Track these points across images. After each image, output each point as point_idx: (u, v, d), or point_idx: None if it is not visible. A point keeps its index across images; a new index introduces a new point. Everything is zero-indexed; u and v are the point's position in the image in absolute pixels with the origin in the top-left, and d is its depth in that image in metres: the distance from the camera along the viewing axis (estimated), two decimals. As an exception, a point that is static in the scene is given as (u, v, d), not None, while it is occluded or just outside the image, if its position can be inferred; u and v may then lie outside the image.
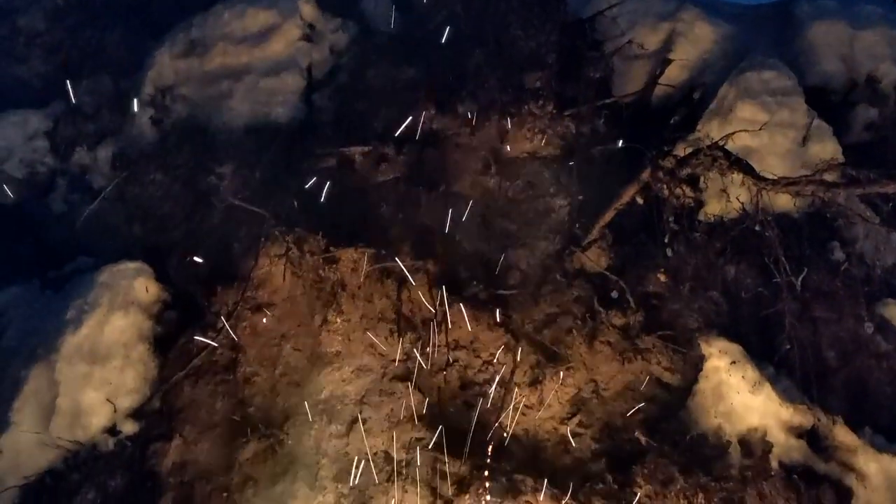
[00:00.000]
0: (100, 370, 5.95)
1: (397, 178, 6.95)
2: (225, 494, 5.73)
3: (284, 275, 6.38)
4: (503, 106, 7.25)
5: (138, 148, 7.28)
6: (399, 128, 6.98)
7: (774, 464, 5.69)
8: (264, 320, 6.27)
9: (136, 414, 5.98)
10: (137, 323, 6.19)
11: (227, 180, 6.85)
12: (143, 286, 6.32)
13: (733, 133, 6.16)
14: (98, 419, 5.86)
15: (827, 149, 6.63)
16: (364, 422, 6.10)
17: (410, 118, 7.00)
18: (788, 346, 5.93)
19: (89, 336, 6.05)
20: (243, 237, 6.51)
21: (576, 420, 6.22)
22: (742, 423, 5.85)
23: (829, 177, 6.04)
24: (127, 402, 5.98)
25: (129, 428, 5.92)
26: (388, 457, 5.98)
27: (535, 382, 6.31)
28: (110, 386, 5.94)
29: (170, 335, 6.31)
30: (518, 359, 6.30)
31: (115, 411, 5.91)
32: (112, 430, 5.91)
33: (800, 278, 6.11)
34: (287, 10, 7.48)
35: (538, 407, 6.25)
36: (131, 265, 6.40)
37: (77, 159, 7.52)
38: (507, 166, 7.17)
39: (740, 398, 5.89)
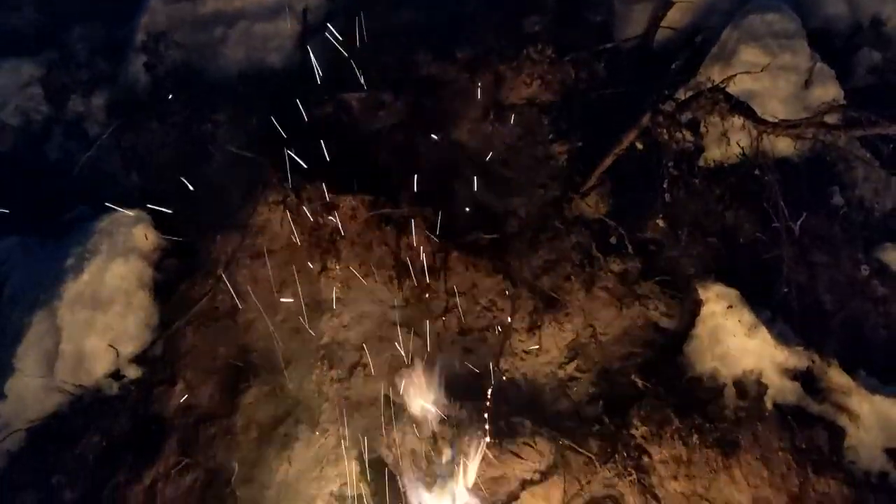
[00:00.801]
0: (102, 316, 6.00)
1: (395, 125, 6.90)
2: (228, 437, 5.84)
3: (283, 222, 6.39)
4: (501, 51, 7.15)
5: (133, 95, 7.21)
6: (396, 73, 6.90)
7: (769, 405, 5.76)
8: (263, 267, 6.30)
9: (139, 359, 6.05)
10: (138, 270, 6.22)
11: (223, 127, 6.80)
12: (143, 234, 6.33)
13: (734, 75, 6.07)
14: (101, 364, 5.93)
15: (829, 92, 6.54)
16: (364, 367, 6.19)
17: (408, 63, 6.92)
18: (785, 290, 5.94)
19: (90, 283, 6.09)
20: (241, 185, 6.49)
21: (574, 364, 6.29)
22: (737, 365, 5.91)
23: (830, 119, 5.98)
24: (129, 347, 6.04)
25: (132, 373, 6.00)
26: (388, 400, 6.08)
27: (533, 328, 6.37)
28: (113, 332, 6.00)
29: (170, 282, 6.34)
30: (516, 305, 6.35)
31: (118, 356, 5.98)
32: (116, 375, 5.98)
33: (798, 223, 6.09)
34: (281, -48, 7.33)
35: (536, 352, 6.32)
36: (130, 213, 6.40)
37: (72, 107, 7.44)
38: (506, 113, 7.11)
39: (736, 341, 5.93)
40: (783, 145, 6.37)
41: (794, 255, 6.09)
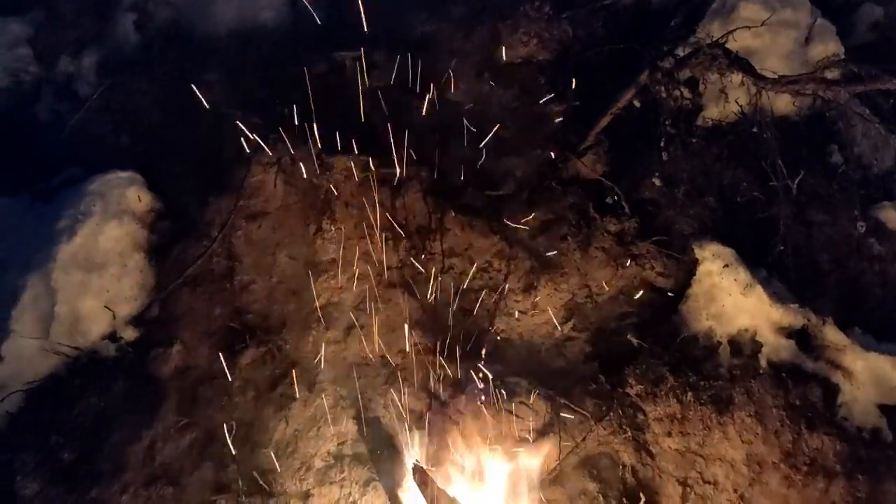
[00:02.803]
0: (97, 278, 5.98)
1: (389, 84, 6.80)
2: (225, 397, 5.86)
3: (276, 183, 6.33)
4: (497, 8, 7.03)
5: (122, 55, 7.08)
6: (390, 32, 6.78)
7: (763, 363, 5.79)
8: (258, 228, 6.26)
9: (135, 321, 6.04)
10: (132, 232, 6.17)
11: (214, 87, 6.68)
12: (136, 195, 6.28)
13: (734, 30, 5.98)
14: (97, 326, 5.92)
15: (830, 49, 6.45)
16: (361, 328, 6.20)
17: (402, 21, 6.80)
18: (781, 249, 5.93)
19: (84, 245, 6.05)
20: (234, 145, 6.41)
21: (569, 324, 6.31)
22: (732, 324, 5.93)
23: (830, 75, 5.91)
24: (126, 309, 6.03)
25: (129, 334, 5.99)
26: (384, 361, 6.10)
27: (529, 288, 6.37)
28: (108, 293, 5.98)
29: (164, 244, 6.30)
30: (512, 266, 6.34)
31: (114, 318, 5.96)
32: (112, 337, 5.98)
33: (796, 181, 6.06)
34: None
35: (532, 312, 6.33)
36: (123, 174, 6.33)
37: (62, 67, 7.31)
38: (502, 72, 7.01)
39: (732, 300, 5.94)
40: (782, 103, 6.31)
41: (791, 214, 6.07)
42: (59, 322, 5.83)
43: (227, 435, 5.63)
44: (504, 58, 7.08)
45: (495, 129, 6.77)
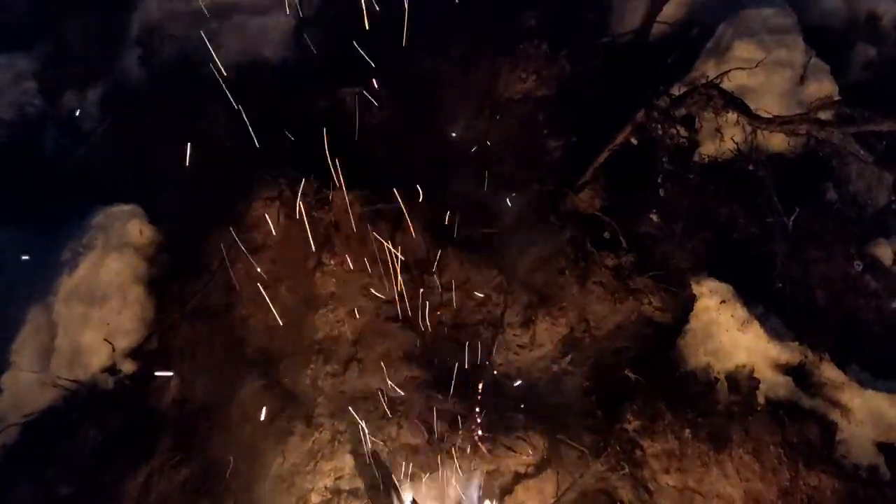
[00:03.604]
0: (97, 311, 6.01)
1: (390, 120, 6.89)
2: (223, 431, 5.85)
3: (278, 217, 6.38)
4: (497, 46, 7.14)
5: (127, 89, 7.19)
6: (391, 68, 6.87)
7: (761, 399, 5.80)
8: (258, 262, 6.30)
9: (134, 353, 6.05)
10: (133, 265, 6.22)
11: (217, 121, 6.77)
12: (137, 228, 6.33)
13: (729, 71, 6.08)
14: (97, 358, 5.93)
15: (824, 88, 6.56)
16: (359, 361, 6.21)
17: (402, 58, 6.90)
18: (779, 286, 5.97)
19: (85, 277, 6.09)
20: (236, 179, 6.47)
21: (567, 359, 6.32)
22: (730, 360, 5.94)
23: (823, 115, 5.99)
24: (125, 342, 6.05)
25: (128, 367, 6.00)
26: (382, 395, 6.10)
27: (527, 322, 6.39)
28: (108, 326, 6.00)
29: (165, 277, 6.34)
30: (510, 299, 6.37)
31: (113, 351, 5.98)
32: (111, 370, 5.99)
33: (792, 218, 6.11)
34: (275, -55, 7.29)
35: (530, 346, 6.34)
36: (125, 207, 6.39)
37: (67, 101, 7.42)
38: (501, 107, 7.11)
39: (729, 336, 5.96)
40: (777, 141, 6.39)
41: (788, 251, 6.11)
42: (60, 355, 5.85)
43: (224, 470, 5.61)
44: (503, 94, 7.18)
45: (494, 163, 6.87)
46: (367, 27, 7.18)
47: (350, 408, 5.99)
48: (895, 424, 5.70)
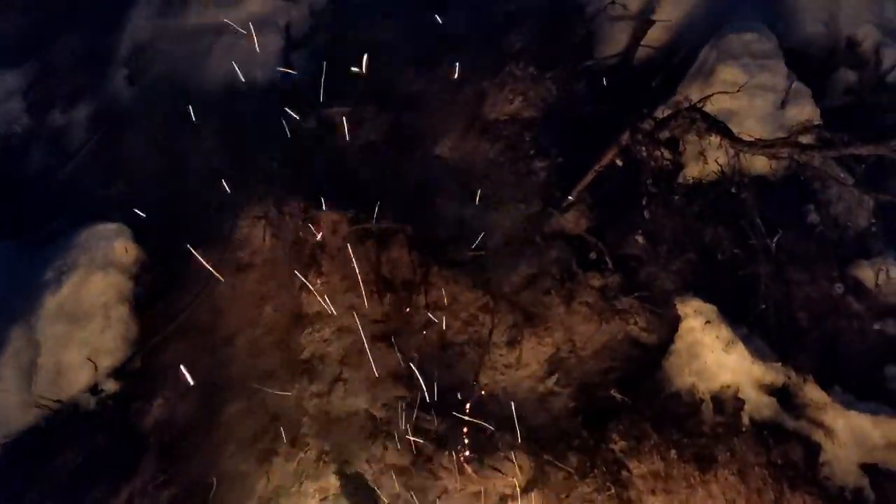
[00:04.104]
0: (80, 331, 5.98)
1: (377, 140, 6.93)
2: (207, 452, 5.81)
3: (264, 236, 6.39)
4: (483, 68, 7.22)
5: (115, 108, 7.21)
6: (379, 89, 6.94)
7: (745, 420, 5.81)
8: (244, 281, 6.30)
9: (117, 373, 6.03)
10: (117, 284, 6.20)
11: (204, 141, 6.80)
12: (123, 247, 6.32)
13: (711, 95, 6.17)
14: (79, 379, 5.90)
15: (805, 112, 6.64)
16: (345, 381, 6.19)
17: (391, 79, 6.97)
18: (763, 307, 6.01)
19: (69, 297, 6.07)
20: (223, 198, 6.49)
21: (553, 379, 6.33)
22: (715, 381, 5.96)
23: (804, 139, 6.08)
24: (108, 361, 6.02)
25: (110, 387, 5.97)
26: (368, 415, 6.08)
27: (513, 342, 6.40)
28: (91, 346, 5.98)
29: (150, 296, 6.33)
30: (496, 319, 6.38)
31: (96, 371, 5.95)
32: (94, 390, 5.96)
33: (774, 240, 6.18)
34: (265, -32, 7.37)
35: (516, 366, 6.35)
36: (110, 226, 6.39)
37: (54, 119, 7.43)
38: (488, 129, 7.17)
39: (714, 357, 5.99)
40: (760, 164, 6.47)
41: (771, 272, 6.17)
42: (42, 375, 5.82)
43: (207, 491, 5.56)
44: (490, 115, 7.24)
45: (481, 184, 6.92)
46: (356, 50, 7.31)
47: (336, 427, 5.96)
48: (879, 446, 5.72)
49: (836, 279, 6.24)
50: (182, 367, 5.69)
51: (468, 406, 6.01)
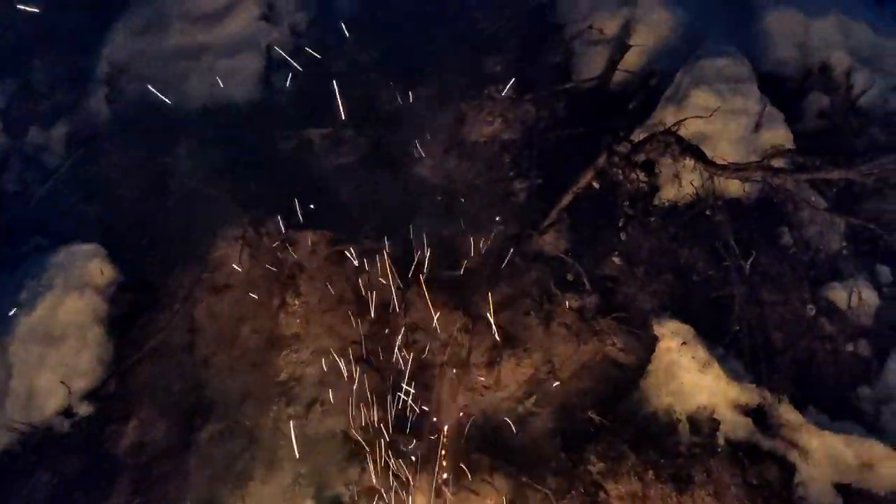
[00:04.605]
0: (54, 352, 5.92)
1: (357, 161, 6.96)
2: (181, 475, 5.75)
3: (242, 257, 6.38)
4: (463, 89, 7.28)
5: (93, 127, 7.18)
6: (359, 110, 6.98)
7: (721, 441, 5.86)
8: (221, 302, 6.27)
9: (91, 396, 5.97)
10: (92, 305, 6.16)
11: (183, 161, 6.79)
12: (98, 268, 6.28)
13: (685, 119, 6.26)
14: (53, 401, 5.83)
15: (779, 135, 6.75)
16: (322, 403, 6.16)
17: (371, 100, 7.02)
18: (737, 328, 6.08)
19: (43, 318, 6.01)
20: (200, 218, 6.47)
21: (532, 400, 6.34)
22: (691, 401, 6.01)
23: (777, 163, 6.18)
24: (82, 383, 5.96)
25: (84, 410, 5.91)
26: (346, 437, 6.06)
27: (492, 363, 6.41)
28: (65, 368, 5.92)
29: (126, 317, 6.28)
30: (475, 341, 6.39)
31: (70, 393, 5.89)
32: (67, 412, 5.90)
33: (748, 262, 6.26)
34: (246, -10, 7.41)
35: (495, 387, 6.35)
36: (86, 247, 6.35)
37: (32, 138, 7.38)
38: (468, 150, 7.22)
39: (690, 377, 6.04)
40: (734, 186, 6.56)
41: (745, 294, 6.25)
42: (14, 397, 5.75)
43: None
44: (470, 136, 7.30)
45: (461, 204, 6.95)
46: (336, 71, 7.36)
47: (313, 450, 5.93)
48: (853, 466, 5.78)
49: (808, 301, 6.33)
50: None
51: (447, 428, 6.00)
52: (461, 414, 6.17)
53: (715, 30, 7.68)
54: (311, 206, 6.49)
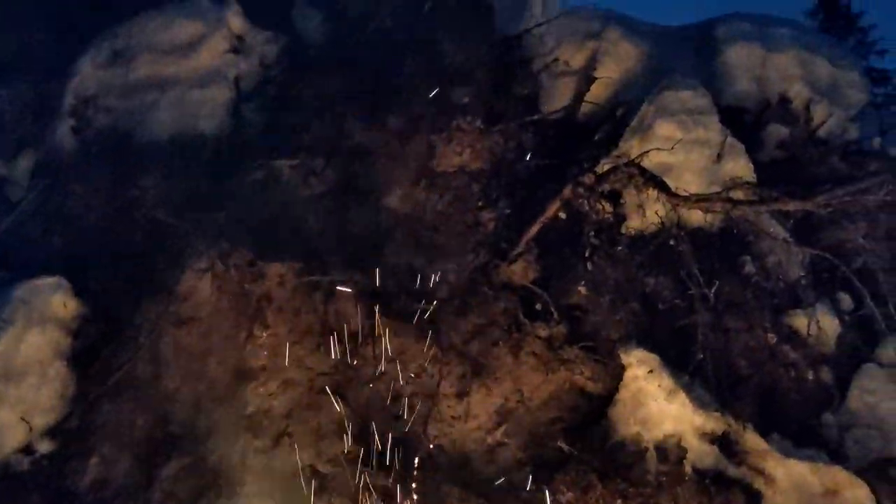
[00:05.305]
0: (14, 389, 5.82)
1: (326, 191, 6.97)
2: (145, 513, 5.65)
3: (209, 289, 6.33)
4: (432, 120, 7.35)
5: (59, 158, 7.13)
6: (328, 141, 7.00)
7: (688, 469, 5.90)
8: (188, 334, 6.20)
9: (52, 432, 5.86)
10: (55, 339, 6.07)
11: (150, 192, 6.74)
12: (61, 302, 6.19)
13: (648, 151, 6.38)
14: (12, 439, 5.72)
15: (739, 166, 6.90)
16: (290, 436, 6.10)
17: (339, 131, 7.05)
18: (700, 357, 6.15)
19: (4, 354, 5.91)
20: (167, 250, 6.43)
21: (502, 430, 6.34)
22: (658, 429, 6.05)
23: (737, 194, 6.31)
24: (43, 420, 5.85)
25: (44, 447, 5.80)
26: (314, 471, 5.99)
27: (462, 394, 6.40)
28: (25, 404, 5.82)
29: (89, 351, 6.19)
30: (445, 371, 6.38)
31: (30, 430, 5.78)
32: (27, 450, 5.78)
33: (712, 290, 6.35)
34: (214, 22, 7.43)
35: (465, 417, 6.34)
36: (49, 280, 6.26)
37: (-4, 170, 7.32)
38: (437, 180, 7.26)
39: (657, 406, 6.08)
40: (697, 216, 6.67)
41: (710, 322, 6.33)
42: (-29, 436, 5.61)
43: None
44: (439, 167, 7.35)
45: (430, 235, 6.98)
46: (305, 102, 7.39)
47: (280, 485, 5.85)
48: (817, 493, 5.84)
49: (770, 328, 6.42)
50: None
51: (417, 460, 5.96)
52: (431, 445, 6.14)
53: (679, 62, 7.88)
54: (280, 237, 6.48)
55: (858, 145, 7.60)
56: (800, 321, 6.52)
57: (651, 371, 6.19)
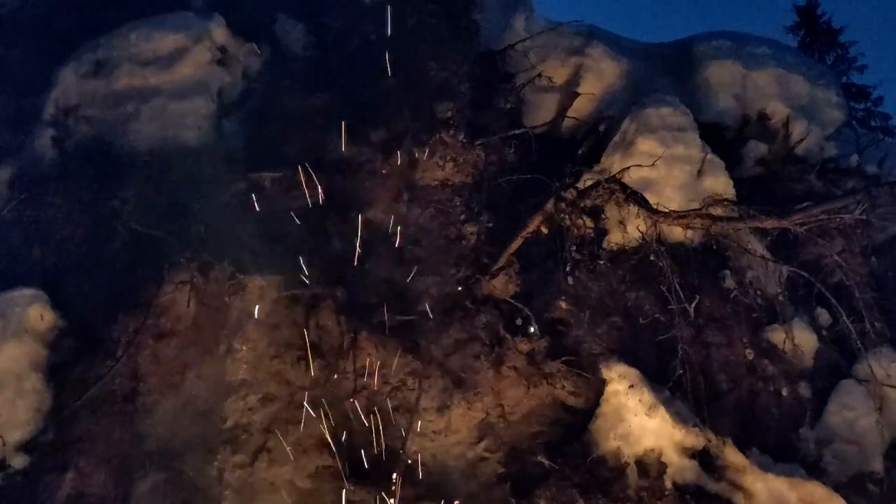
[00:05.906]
0: (-12, 402, 5.72)
1: (308, 204, 6.95)
2: (120, 529, 5.57)
3: (189, 302, 6.27)
4: (415, 134, 7.37)
5: (39, 169, 7.03)
6: (311, 154, 6.99)
7: (668, 484, 5.93)
8: (167, 348, 6.15)
9: (27, 447, 5.76)
10: (31, 352, 5.98)
11: (130, 204, 6.68)
12: (39, 314, 6.10)
13: (629, 167, 6.43)
14: (-15, 454, 5.61)
15: (719, 182, 6.99)
16: (269, 451, 6.05)
17: (322, 144, 7.04)
18: (680, 372, 6.18)
19: (-21, 366, 5.81)
20: (146, 263, 6.37)
21: (483, 444, 6.33)
22: (639, 444, 6.08)
23: (715, 211, 6.37)
24: (18, 434, 5.75)
25: (18, 462, 5.70)
26: (293, 486, 5.94)
27: (442, 408, 6.39)
28: (0, 418, 5.70)
29: (66, 363, 6.10)
30: (426, 385, 6.37)
31: (3, 445, 5.68)
32: (1, 465, 5.67)
33: (692, 305, 6.40)
34: (197, 34, 7.38)
35: (445, 432, 6.32)
36: (26, 292, 6.17)
37: (-27, 181, 7.20)
38: (419, 194, 7.27)
39: (637, 421, 6.11)
40: (677, 232, 6.74)
41: (690, 336, 6.38)
42: (-58, 450, 5.51)
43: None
44: (421, 180, 7.35)
45: (412, 248, 6.97)
46: (288, 115, 7.37)
47: (258, 501, 5.80)
48: (796, 509, 5.89)
49: (749, 343, 6.48)
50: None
51: (396, 474, 5.93)
52: (411, 460, 6.11)
53: (661, 79, 7.98)
54: (261, 251, 6.45)
55: (836, 163, 7.70)
56: (778, 336, 6.59)
57: (632, 386, 6.23)
